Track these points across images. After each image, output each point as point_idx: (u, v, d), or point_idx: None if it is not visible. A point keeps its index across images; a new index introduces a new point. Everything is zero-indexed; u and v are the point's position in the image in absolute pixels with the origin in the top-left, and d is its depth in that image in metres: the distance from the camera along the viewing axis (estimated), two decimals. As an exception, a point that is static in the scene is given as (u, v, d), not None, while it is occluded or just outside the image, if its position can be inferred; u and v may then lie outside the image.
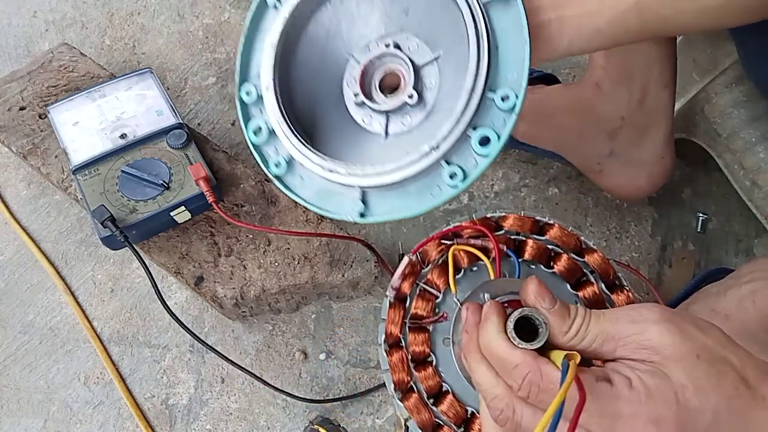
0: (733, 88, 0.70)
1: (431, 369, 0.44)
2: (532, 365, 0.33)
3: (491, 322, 0.36)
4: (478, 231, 0.47)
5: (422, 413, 0.43)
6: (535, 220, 0.48)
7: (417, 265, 0.47)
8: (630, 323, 0.33)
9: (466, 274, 0.46)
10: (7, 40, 0.94)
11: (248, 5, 0.96)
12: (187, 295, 0.75)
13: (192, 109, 0.88)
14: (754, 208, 0.72)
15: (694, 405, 0.31)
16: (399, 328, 0.45)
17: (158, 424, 0.68)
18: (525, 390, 0.33)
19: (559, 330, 0.35)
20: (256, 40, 0.57)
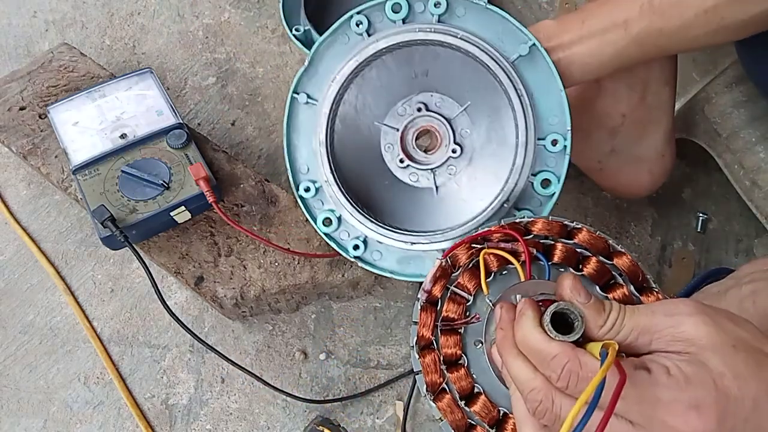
0: (733, 88, 0.70)
1: (463, 370, 0.44)
2: (570, 355, 0.33)
3: (527, 317, 0.36)
4: (508, 235, 0.47)
5: (455, 414, 0.43)
6: (563, 224, 0.48)
7: (448, 269, 0.47)
8: (665, 316, 0.34)
9: (496, 278, 0.46)
10: (7, 40, 0.94)
11: (248, 5, 0.97)
12: (187, 295, 0.75)
13: (192, 109, 0.88)
14: (754, 208, 0.72)
15: (734, 392, 0.31)
16: (431, 330, 0.45)
17: (158, 424, 0.69)
18: (564, 380, 0.33)
19: (594, 324, 0.35)
20: (293, 137, 0.61)
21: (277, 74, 0.91)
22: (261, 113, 0.87)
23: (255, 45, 0.93)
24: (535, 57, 0.57)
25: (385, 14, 0.58)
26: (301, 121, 0.60)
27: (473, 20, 0.57)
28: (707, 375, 0.31)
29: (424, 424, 0.69)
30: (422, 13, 0.57)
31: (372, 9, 0.58)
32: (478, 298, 0.46)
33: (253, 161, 0.83)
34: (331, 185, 0.59)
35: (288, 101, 0.59)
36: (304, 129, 0.60)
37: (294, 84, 0.59)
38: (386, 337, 0.72)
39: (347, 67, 0.57)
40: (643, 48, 0.54)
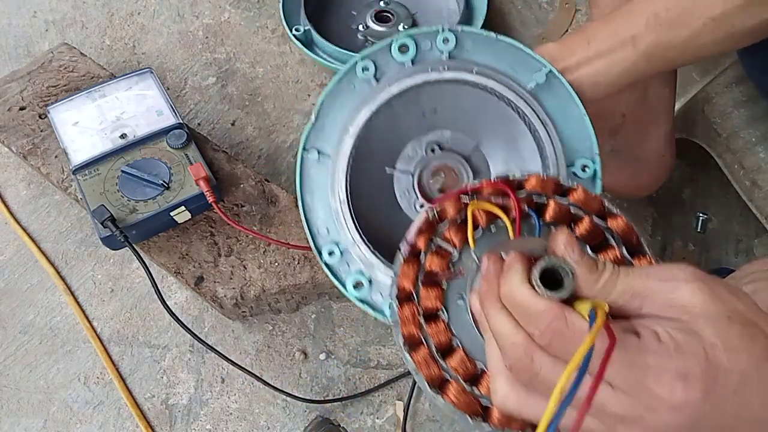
0: (733, 88, 0.70)
1: (442, 324, 0.42)
2: (557, 312, 0.32)
3: (515, 271, 0.34)
4: (499, 190, 0.45)
5: (431, 368, 0.41)
6: (558, 182, 0.46)
7: (434, 221, 0.45)
8: (660, 281, 0.33)
9: (484, 234, 0.44)
10: (7, 40, 0.94)
11: (248, 5, 0.97)
12: (187, 295, 0.75)
13: (192, 109, 0.88)
14: (754, 208, 0.72)
15: (724, 364, 0.30)
16: (412, 283, 0.43)
17: (158, 424, 0.69)
18: (547, 337, 0.32)
19: (585, 282, 0.34)
20: (308, 198, 0.56)
21: (277, 74, 0.91)
22: (261, 113, 0.87)
23: (255, 45, 0.93)
24: (553, 83, 0.55)
25: (392, 56, 0.54)
26: (314, 179, 0.55)
27: (484, 53, 0.55)
28: (699, 345, 0.30)
29: (424, 424, 0.69)
30: (430, 50, 0.55)
31: (378, 52, 0.55)
32: (464, 253, 0.44)
33: (253, 161, 0.83)
34: (357, 245, 0.55)
35: (298, 159, 0.55)
36: (319, 187, 0.55)
37: (303, 141, 0.55)
38: (386, 337, 0.72)
39: (360, 117, 0.53)
40: (652, 62, 0.53)
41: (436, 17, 0.91)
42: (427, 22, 0.91)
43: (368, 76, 0.54)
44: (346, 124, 0.54)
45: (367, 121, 0.54)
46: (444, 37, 0.54)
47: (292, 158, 0.84)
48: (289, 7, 0.89)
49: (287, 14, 0.88)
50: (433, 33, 0.54)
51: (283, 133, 0.86)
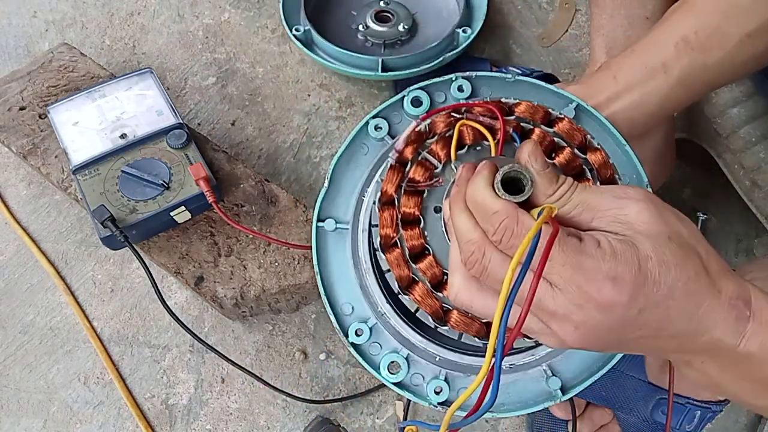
0: (732, 88, 0.70)
1: (418, 230, 0.45)
2: (510, 212, 0.34)
3: (481, 176, 0.36)
4: (489, 111, 0.46)
5: (402, 268, 0.44)
6: (547, 111, 0.48)
7: (423, 133, 0.47)
8: (613, 198, 0.35)
9: (469, 151, 0.46)
10: (7, 40, 0.94)
11: (248, 5, 0.97)
12: (187, 295, 0.75)
13: (192, 109, 0.88)
14: (754, 208, 0.72)
15: (654, 276, 0.32)
16: (394, 189, 0.46)
17: (158, 424, 0.69)
18: (499, 234, 0.34)
19: (543, 191, 0.36)
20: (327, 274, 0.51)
21: (277, 74, 0.91)
22: (261, 113, 0.87)
23: (255, 45, 0.93)
24: (583, 118, 0.51)
25: (405, 111, 0.52)
26: (331, 252, 0.51)
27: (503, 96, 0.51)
28: (633, 255, 0.32)
29: (424, 424, 0.69)
30: (444, 102, 0.52)
31: (389, 109, 0.52)
32: (447, 168, 0.46)
33: (253, 161, 0.83)
34: (389, 318, 0.49)
35: (313, 232, 0.51)
36: (338, 261, 0.51)
37: (316, 211, 0.51)
38: (386, 337, 0.72)
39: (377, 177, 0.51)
40: (690, 87, 0.51)
41: (436, 18, 0.91)
42: (426, 21, 0.91)
43: (382, 135, 0.52)
44: (362, 189, 0.51)
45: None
46: (458, 85, 0.52)
47: (292, 158, 0.84)
48: (289, 7, 0.88)
49: (287, 14, 0.88)
50: (446, 82, 0.52)
51: (283, 133, 0.86)
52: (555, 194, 0.36)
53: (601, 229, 0.34)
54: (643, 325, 0.33)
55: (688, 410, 0.61)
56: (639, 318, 0.33)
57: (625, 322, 0.33)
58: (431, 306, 0.44)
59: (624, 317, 0.32)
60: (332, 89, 0.89)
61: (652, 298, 0.32)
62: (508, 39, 0.94)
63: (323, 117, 0.87)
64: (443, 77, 0.52)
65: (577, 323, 0.33)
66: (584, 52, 0.93)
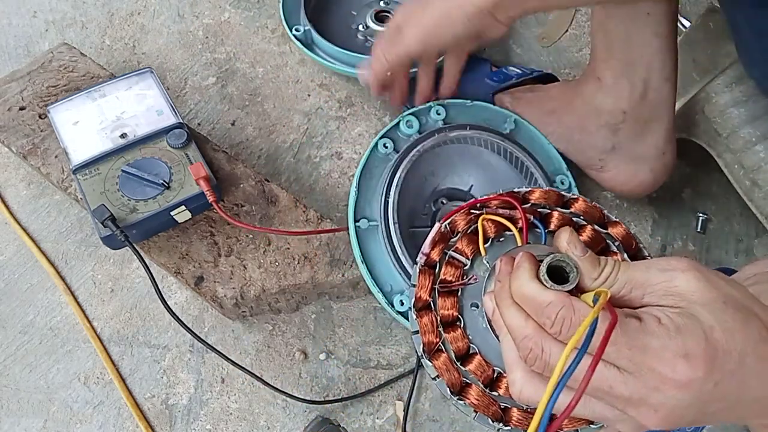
0: (733, 88, 0.70)
1: (459, 331, 0.45)
2: (564, 302, 0.34)
3: (524, 269, 0.37)
4: (506, 202, 0.48)
5: (451, 373, 0.44)
6: (560, 194, 0.50)
7: (446, 234, 0.48)
8: (659, 271, 0.34)
9: (493, 244, 0.47)
10: (7, 40, 0.94)
11: (248, 5, 0.97)
12: (187, 295, 0.75)
13: (192, 109, 0.88)
14: (754, 208, 0.72)
15: (723, 345, 0.31)
16: (428, 292, 0.46)
17: (158, 424, 0.68)
18: (557, 326, 0.33)
19: (589, 276, 0.36)
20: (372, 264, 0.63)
21: (277, 74, 0.91)
22: (261, 113, 0.87)
23: (255, 45, 0.93)
24: (520, 127, 0.74)
25: (400, 131, 0.69)
26: (370, 247, 0.63)
27: (465, 115, 0.72)
28: (698, 326, 0.32)
29: (424, 424, 0.68)
30: (426, 123, 0.70)
31: (391, 131, 0.68)
32: (475, 262, 0.47)
33: (253, 161, 0.83)
34: None
35: (352, 232, 0.62)
36: (375, 252, 0.63)
37: (351, 214, 0.63)
38: (386, 337, 0.72)
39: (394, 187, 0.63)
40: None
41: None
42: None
43: (389, 150, 0.67)
44: (383, 192, 0.64)
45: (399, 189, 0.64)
46: (436, 110, 0.70)
47: (292, 158, 0.84)
48: (289, 7, 0.88)
49: (287, 14, 0.88)
50: (427, 108, 0.70)
51: (283, 133, 0.86)
52: (600, 277, 0.36)
53: (654, 305, 0.34)
54: (722, 397, 0.32)
55: None
56: (717, 390, 0.31)
57: (704, 396, 0.31)
58: (489, 407, 0.43)
59: (702, 392, 0.31)
60: (332, 89, 0.89)
61: (726, 368, 0.31)
62: (508, 39, 0.94)
63: (323, 117, 0.87)
64: (425, 105, 0.70)
65: (657, 406, 0.32)
66: (584, 52, 0.93)
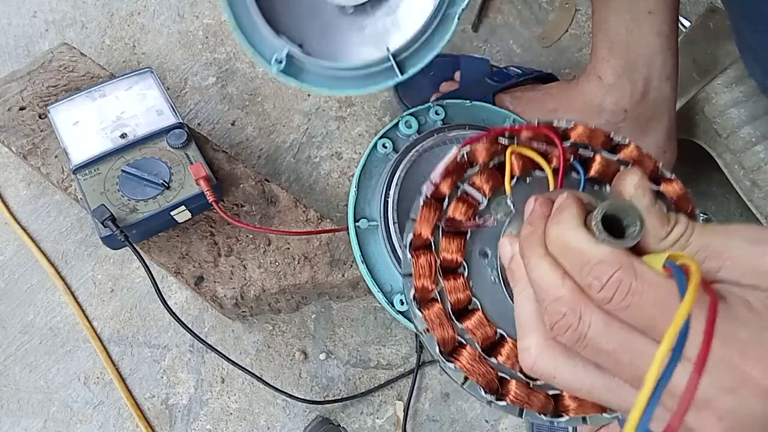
0: (733, 88, 0.70)
1: (462, 280, 0.37)
2: (623, 261, 0.26)
3: (570, 213, 0.29)
4: (541, 135, 0.39)
5: (445, 328, 0.36)
6: (608, 135, 0.40)
7: (463, 164, 0.40)
8: (745, 242, 0.27)
9: (517, 185, 0.39)
10: (7, 40, 0.94)
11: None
12: (187, 295, 0.75)
13: (192, 109, 0.88)
14: (754, 208, 0.72)
15: None
16: (431, 230, 0.38)
17: (158, 424, 0.68)
18: (608, 291, 0.26)
19: (655, 234, 0.28)
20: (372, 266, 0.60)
21: (277, 74, 0.91)
22: (261, 113, 0.87)
23: (255, 45, 0.93)
24: None
25: (399, 132, 0.67)
26: (370, 247, 0.61)
27: (464, 115, 0.70)
28: None
29: (424, 424, 0.68)
30: (425, 123, 0.67)
31: (391, 131, 0.67)
32: (493, 203, 0.39)
33: (253, 161, 0.83)
34: None
35: (352, 232, 0.61)
36: (375, 252, 0.61)
37: (351, 214, 0.61)
38: (386, 337, 0.72)
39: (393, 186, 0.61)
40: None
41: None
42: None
43: (388, 151, 0.65)
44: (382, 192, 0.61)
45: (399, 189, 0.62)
46: (435, 110, 0.68)
47: (292, 158, 0.84)
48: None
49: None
50: (426, 108, 0.68)
51: (283, 133, 0.86)
52: (670, 237, 0.28)
53: (734, 282, 0.27)
54: None
55: None
56: None
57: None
58: (484, 375, 0.36)
59: None
60: (332, 89, 0.89)
61: None
62: (508, 39, 0.94)
63: (323, 117, 0.87)
64: (424, 105, 0.68)
65: (723, 413, 0.24)
66: (584, 52, 0.93)
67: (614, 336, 0.26)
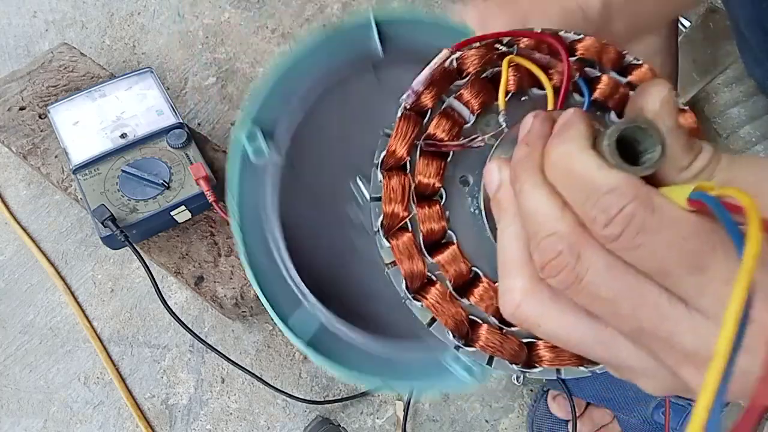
0: (732, 88, 0.70)
1: (438, 208, 0.32)
2: (638, 192, 0.21)
3: (576, 132, 0.23)
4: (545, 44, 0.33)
5: (414, 261, 0.31)
6: (621, 53, 0.35)
7: (451, 72, 0.34)
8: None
9: (512, 103, 0.33)
10: (7, 40, 0.94)
11: (248, 5, 0.97)
12: (187, 295, 0.75)
13: (192, 109, 0.88)
14: (754, 207, 0.72)
15: None
16: (407, 148, 0.32)
17: (158, 424, 0.68)
18: (619, 224, 0.21)
19: (676, 162, 0.23)
20: None
21: (277, 74, 0.90)
22: (261, 113, 0.87)
23: (255, 45, 0.93)
24: None
25: None
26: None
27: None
28: None
29: (424, 424, 0.68)
30: None
31: None
32: (481, 122, 0.33)
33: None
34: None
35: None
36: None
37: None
38: (386, 337, 0.72)
39: None
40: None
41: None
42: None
43: None
44: None
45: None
46: None
47: (292, 158, 0.84)
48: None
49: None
50: None
51: (283, 133, 0.86)
52: (693, 167, 0.23)
53: None
54: None
55: (688, 411, 0.61)
56: None
57: None
58: (453, 316, 0.31)
59: None
60: (332, 89, 0.89)
61: None
62: (508, 39, 0.94)
63: (323, 117, 0.87)
64: None
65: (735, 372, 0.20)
66: (584, 52, 0.93)
67: (617, 281, 0.22)
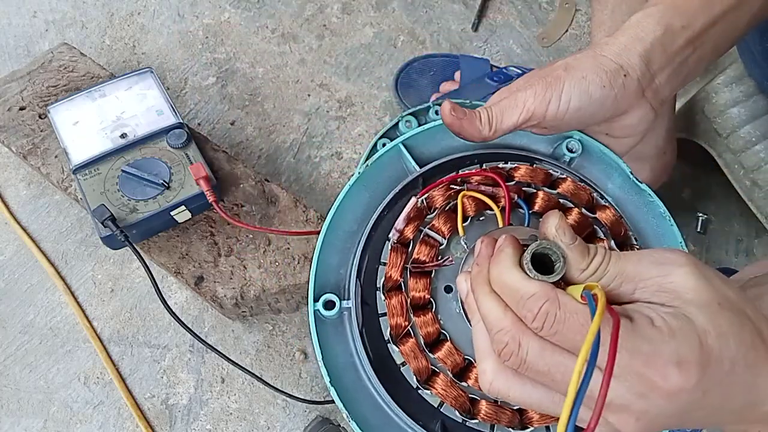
0: (733, 88, 0.70)
1: (430, 315, 0.42)
2: (549, 294, 0.30)
3: (506, 254, 0.33)
4: (489, 179, 0.44)
5: (419, 360, 0.41)
6: (548, 172, 0.46)
7: (423, 210, 0.45)
8: (653, 264, 0.32)
9: (473, 224, 0.44)
10: (7, 40, 0.94)
11: (248, 5, 0.97)
12: (187, 295, 0.75)
13: (192, 109, 0.88)
14: (754, 208, 0.72)
15: (716, 352, 0.29)
16: (399, 272, 0.42)
17: (158, 424, 0.68)
18: (539, 321, 0.30)
19: (577, 266, 0.33)
20: None
21: (277, 74, 0.91)
22: (261, 113, 0.87)
23: (255, 45, 0.93)
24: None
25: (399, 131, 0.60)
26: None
27: None
28: (692, 330, 0.29)
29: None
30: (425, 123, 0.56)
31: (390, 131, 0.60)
32: (452, 242, 0.44)
33: (253, 161, 0.83)
34: None
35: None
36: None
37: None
38: (386, 337, 0.72)
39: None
40: None
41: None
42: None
43: None
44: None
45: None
46: (435, 110, 0.60)
47: (292, 158, 0.84)
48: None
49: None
50: (425, 108, 0.60)
51: (283, 133, 0.86)
52: (589, 268, 0.32)
53: (644, 301, 0.32)
54: (706, 405, 0.30)
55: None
56: (703, 400, 0.29)
57: (690, 406, 0.29)
58: (457, 399, 0.40)
59: (689, 402, 0.29)
60: (332, 89, 0.89)
61: (716, 378, 0.29)
62: (508, 39, 0.94)
63: (323, 117, 0.87)
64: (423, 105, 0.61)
65: (639, 413, 0.30)
66: (584, 52, 0.93)
67: (548, 358, 0.30)
